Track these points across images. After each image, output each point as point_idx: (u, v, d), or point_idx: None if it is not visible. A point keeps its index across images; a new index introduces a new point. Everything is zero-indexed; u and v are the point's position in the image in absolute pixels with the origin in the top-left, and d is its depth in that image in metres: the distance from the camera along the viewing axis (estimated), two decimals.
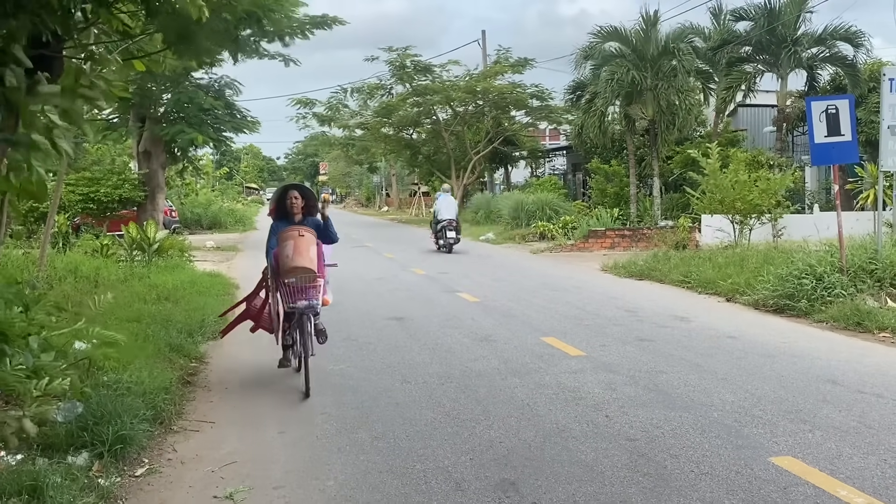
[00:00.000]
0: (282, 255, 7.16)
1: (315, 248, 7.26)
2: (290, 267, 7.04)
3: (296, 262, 7.02)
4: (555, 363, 8.29)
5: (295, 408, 6.94)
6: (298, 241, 7.11)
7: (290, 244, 7.10)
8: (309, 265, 7.07)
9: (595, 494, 4.77)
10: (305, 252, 7.07)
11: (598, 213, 25.44)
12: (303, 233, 7.19)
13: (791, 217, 19.99)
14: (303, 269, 7.06)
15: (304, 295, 7.19)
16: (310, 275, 7.12)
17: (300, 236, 7.14)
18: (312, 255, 7.15)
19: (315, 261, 7.18)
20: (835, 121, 11.50)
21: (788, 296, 11.28)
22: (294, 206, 7.63)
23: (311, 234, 7.28)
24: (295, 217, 7.63)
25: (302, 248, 7.08)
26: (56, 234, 17.14)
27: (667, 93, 25.10)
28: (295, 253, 7.04)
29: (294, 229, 7.25)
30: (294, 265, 7.03)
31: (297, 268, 7.03)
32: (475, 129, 42.88)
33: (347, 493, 4.94)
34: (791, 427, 5.94)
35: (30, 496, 4.52)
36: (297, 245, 7.08)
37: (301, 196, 7.71)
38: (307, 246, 7.13)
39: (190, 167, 25.45)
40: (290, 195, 7.67)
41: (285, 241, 7.17)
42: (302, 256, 7.03)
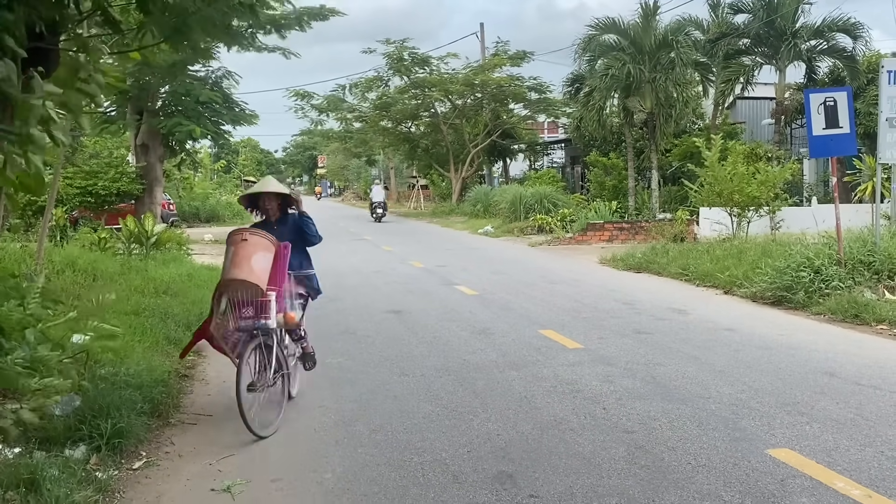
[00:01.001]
0: (223, 265, 6.15)
1: (264, 256, 6.05)
2: (225, 279, 5.98)
3: (231, 273, 5.93)
4: (553, 356, 8.30)
5: (293, 401, 6.93)
6: (239, 247, 6.02)
7: (230, 251, 6.06)
8: (247, 277, 5.89)
9: (593, 486, 4.78)
10: (245, 261, 5.94)
11: (596, 206, 25.41)
12: (246, 236, 6.07)
13: (789, 209, 19.98)
14: (239, 283, 5.91)
15: (251, 311, 6.02)
16: (250, 289, 5.93)
17: (242, 241, 6.04)
18: (257, 265, 5.96)
19: (260, 271, 5.97)
20: (833, 113, 11.49)
21: (786, 288, 11.28)
22: (269, 207, 6.79)
23: (262, 240, 6.09)
24: (270, 217, 6.82)
25: (241, 257, 5.97)
26: (54, 227, 17.12)
27: (665, 85, 25.05)
28: (231, 263, 5.97)
29: (238, 233, 6.17)
30: (229, 277, 5.94)
31: (232, 280, 5.93)
32: (473, 122, 42.85)
33: (345, 485, 4.95)
34: (788, 419, 5.95)
35: (27, 489, 4.52)
36: (236, 253, 6.00)
37: (276, 195, 6.82)
38: (249, 254, 5.99)
39: (188, 160, 25.35)
40: (263, 197, 6.82)
41: (227, 246, 6.15)
42: (239, 267, 5.92)
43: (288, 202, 6.85)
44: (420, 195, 50.64)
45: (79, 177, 21.81)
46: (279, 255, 6.17)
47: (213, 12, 5.31)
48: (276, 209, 6.79)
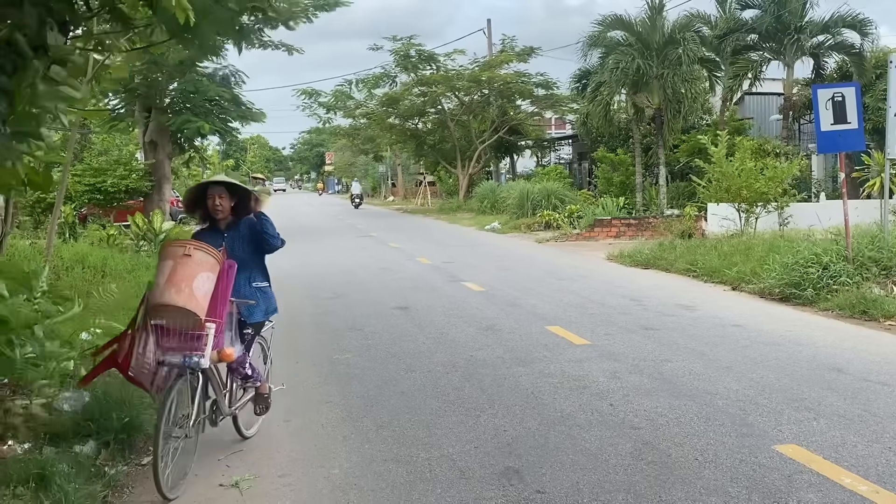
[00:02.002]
0: (155, 283, 4.82)
1: (208, 278, 4.83)
2: (157, 303, 4.73)
3: (166, 296, 4.70)
4: (559, 352, 8.30)
5: (300, 397, 6.96)
6: (179, 264, 4.78)
7: (167, 267, 4.81)
8: (185, 303, 4.68)
9: (599, 482, 4.79)
10: (185, 283, 4.71)
11: (603, 202, 25.38)
12: (190, 251, 4.84)
13: (797, 205, 19.92)
14: (173, 309, 4.69)
15: (179, 345, 4.81)
16: (186, 318, 4.73)
17: (184, 256, 4.81)
18: (199, 289, 4.75)
19: (202, 297, 4.76)
20: (841, 108, 11.44)
21: (794, 284, 11.25)
22: (219, 208, 5.44)
23: (208, 257, 4.88)
24: (220, 222, 5.50)
25: (181, 277, 4.72)
26: (63, 224, 17.20)
27: (673, 81, 24.97)
28: (168, 283, 4.71)
29: (179, 245, 4.95)
30: (164, 301, 4.70)
31: (166, 306, 4.70)
32: (480, 119, 42.82)
33: (352, 480, 4.97)
34: (796, 415, 5.94)
35: (37, 484, 4.56)
36: (174, 271, 4.75)
37: (229, 193, 5.48)
38: (191, 273, 4.75)
39: (196, 157, 25.45)
40: (212, 195, 5.44)
41: (161, 260, 4.91)
42: (177, 289, 4.68)
43: (244, 201, 5.50)
44: (427, 192, 50.65)
45: (88, 174, 21.92)
46: (222, 276, 4.96)
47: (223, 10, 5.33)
48: (227, 210, 5.44)
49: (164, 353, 4.80)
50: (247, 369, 5.50)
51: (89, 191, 22.03)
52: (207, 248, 4.92)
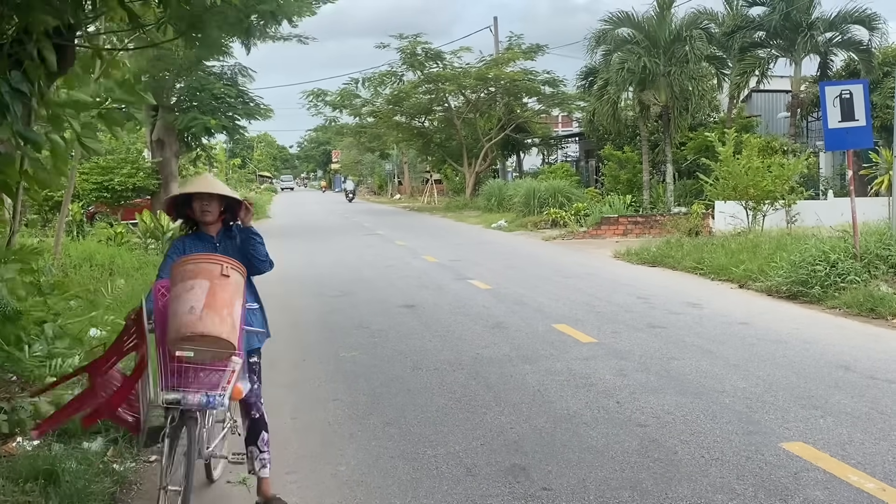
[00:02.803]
0: (178, 306, 3.91)
1: (240, 303, 4.09)
2: (195, 332, 3.84)
3: (206, 323, 3.84)
4: (566, 350, 8.30)
5: (307, 394, 6.99)
6: (218, 285, 3.95)
7: (200, 288, 3.91)
8: (227, 334, 3.90)
9: (605, 480, 4.79)
10: (225, 308, 3.93)
11: (610, 200, 25.36)
12: (228, 271, 4.01)
13: (805, 203, 19.85)
14: (213, 339, 3.87)
15: (199, 382, 4.03)
16: (223, 350, 3.95)
17: (222, 276, 3.98)
18: (236, 316, 4.00)
19: (237, 325, 4.01)
20: (849, 106, 11.42)
21: (801, 282, 11.23)
22: (208, 211, 4.49)
23: (241, 276, 4.14)
24: (208, 228, 4.55)
25: (221, 301, 3.92)
26: (70, 222, 17.27)
27: (680, 78, 24.94)
28: (207, 306, 3.87)
29: (212, 260, 4.06)
30: (201, 330, 3.83)
31: (204, 336, 3.85)
32: (487, 117, 42.79)
33: (359, 478, 4.99)
34: (802, 413, 5.94)
35: (46, 481, 4.58)
36: (214, 293, 3.92)
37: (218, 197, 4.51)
38: (230, 298, 3.98)
39: (203, 155, 25.51)
40: (198, 199, 4.49)
41: (189, 278, 3.95)
42: (219, 316, 3.89)
43: (233, 210, 4.55)
44: (433, 190, 50.67)
45: (95, 172, 22.00)
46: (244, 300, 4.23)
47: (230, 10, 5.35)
48: (216, 215, 4.52)
49: (178, 389, 3.97)
50: (254, 411, 4.56)
51: (97, 189, 22.11)
52: (239, 266, 4.14)
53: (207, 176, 4.88)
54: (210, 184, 4.56)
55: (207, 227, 4.54)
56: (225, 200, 4.51)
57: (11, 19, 5.24)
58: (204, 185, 4.55)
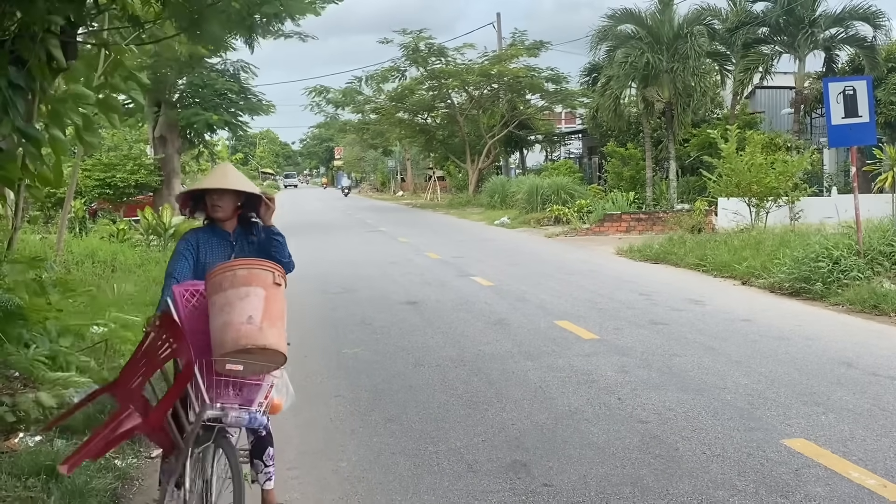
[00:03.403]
0: (232, 315, 3.58)
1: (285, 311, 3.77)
2: (256, 344, 3.54)
3: (267, 336, 3.56)
4: (568, 346, 8.30)
5: (309, 390, 6.99)
6: (272, 294, 3.68)
7: (256, 297, 3.62)
8: (284, 348, 3.65)
9: (606, 476, 4.79)
10: (280, 320, 3.69)
11: (613, 197, 25.32)
12: (279, 280, 3.75)
13: (808, 200, 19.81)
14: (272, 353, 3.60)
15: (240, 394, 3.76)
16: (271, 364, 3.69)
17: (275, 285, 3.71)
18: (284, 326, 3.72)
19: (285, 337, 3.72)
20: (852, 102, 11.39)
21: (804, 279, 11.21)
22: (219, 207, 4.18)
23: (285, 285, 3.83)
24: (224, 223, 4.24)
25: (276, 312, 3.66)
26: (73, 219, 17.30)
27: (683, 75, 24.89)
28: (266, 317, 3.60)
29: (265, 267, 3.77)
30: (263, 343, 3.55)
31: (264, 348, 3.56)
32: (490, 113, 42.77)
33: (360, 473, 5.00)
34: (804, 409, 5.93)
35: (48, 476, 4.60)
36: (270, 303, 3.64)
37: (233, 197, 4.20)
38: (282, 308, 3.72)
39: (205, 152, 25.54)
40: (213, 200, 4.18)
41: (242, 284, 3.64)
42: (277, 329, 3.63)
43: (252, 202, 4.25)
44: (437, 186, 50.65)
45: (97, 169, 22.02)
46: None
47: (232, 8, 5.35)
48: (231, 215, 4.23)
49: (217, 403, 3.65)
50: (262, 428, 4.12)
51: (99, 186, 22.14)
52: (283, 274, 3.82)
53: (225, 168, 4.41)
54: (224, 178, 4.18)
55: (222, 223, 4.24)
56: (242, 195, 4.19)
57: (13, 16, 5.25)
58: (216, 181, 4.18)
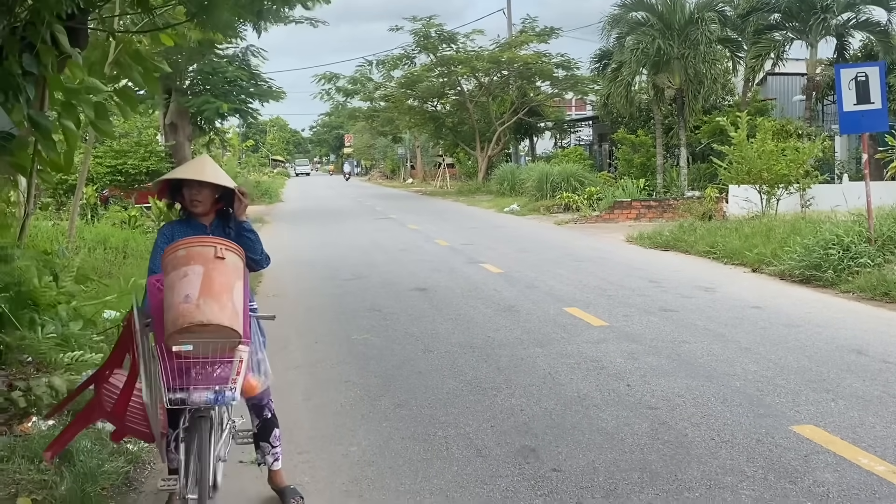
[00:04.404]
0: (172, 297, 3.58)
1: (240, 286, 3.74)
2: (193, 322, 3.50)
3: (205, 311, 3.51)
4: (577, 333, 8.31)
5: (319, 376, 7.03)
6: (214, 269, 3.63)
7: (194, 274, 3.59)
8: (230, 321, 3.56)
9: (615, 461, 4.81)
10: (225, 294, 3.60)
11: (623, 184, 25.22)
12: (222, 252, 3.69)
13: (820, 187, 19.70)
14: (214, 329, 3.53)
15: (205, 377, 3.70)
16: (227, 339, 3.61)
17: (217, 258, 3.66)
18: (237, 300, 3.66)
19: (240, 310, 3.66)
20: (864, 88, 11.31)
21: (815, 266, 11.17)
22: (198, 200, 4.12)
23: (239, 260, 3.80)
24: (202, 217, 4.18)
25: (219, 287, 3.60)
26: (84, 205, 17.37)
27: (694, 61, 24.75)
28: (203, 293, 3.54)
29: (205, 243, 3.72)
30: (199, 319, 3.50)
31: (205, 325, 3.51)
32: (500, 100, 42.64)
33: (370, 458, 5.03)
34: (814, 396, 5.93)
35: (61, 460, 4.63)
36: (210, 278, 3.59)
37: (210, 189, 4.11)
38: (228, 281, 3.66)
39: (216, 139, 25.57)
40: (191, 191, 4.11)
41: (181, 265, 3.63)
42: (219, 303, 3.56)
43: (229, 200, 4.16)
44: (446, 174, 50.59)
45: (109, 156, 22.07)
46: (247, 285, 3.92)
47: None
48: (208, 204, 4.14)
49: (184, 390, 3.65)
50: (266, 411, 4.36)
51: (110, 172, 22.19)
52: (235, 247, 3.80)
53: (203, 160, 4.28)
54: (201, 170, 4.07)
55: (200, 216, 4.16)
56: (220, 188, 4.10)
57: (24, 2, 5.26)
58: (194, 172, 4.08)
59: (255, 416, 4.40)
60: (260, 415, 4.39)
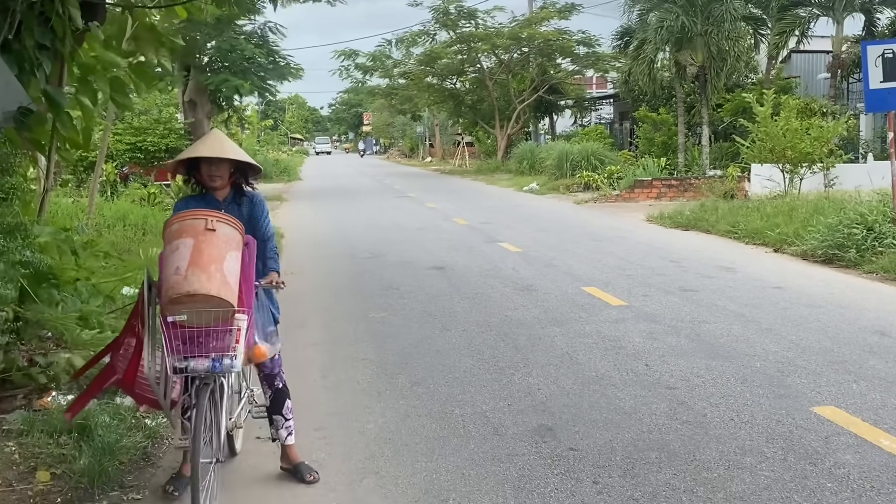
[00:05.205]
0: (166, 268, 3.76)
1: (235, 258, 3.83)
2: (181, 293, 3.64)
3: (191, 282, 3.64)
4: (596, 313, 8.25)
5: (336, 353, 7.03)
6: (203, 241, 3.74)
7: (185, 247, 3.73)
8: (219, 291, 3.67)
9: (633, 441, 4.77)
10: (215, 265, 3.71)
11: (644, 163, 25.00)
12: (213, 224, 3.78)
13: (844, 166, 19.42)
14: (203, 299, 3.65)
15: (205, 346, 3.77)
16: (218, 308, 3.70)
17: (207, 230, 3.76)
18: (230, 272, 3.77)
19: (232, 281, 3.76)
20: (892, 66, 11.09)
21: (838, 246, 11.03)
22: (217, 175, 4.22)
23: (233, 231, 3.86)
24: (217, 193, 4.29)
25: (208, 258, 3.71)
26: (104, 182, 17.46)
27: (717, 38, 24.42)
28: (192, 264, 3.68)
29: (196, 215, 3.84)
30: (186, 289, 3.63)
31: (192, 295, 3.63)
32: (520, 78, 42.33)
33: (387, 435, 5.02)
34: (835, 377, 5.85)
35: (80, 434, 4.68)
36: (199, 250, 3.71)
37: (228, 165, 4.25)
38: (220, 254, 3.76)
39: (235, 116, 25.57)
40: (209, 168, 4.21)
41: (174, 238, 3.79)
42: (206, 273, 3.67)
43: (245, 175, 4.36)
44: (465, 152, 50.41)
45: (128, 133, 22.15)
46: (244, 254, 3.95)
47: None
48: (226, 183, 4.29)
49: (185, 359, 3.74)
50: (277, 381, 4.47)
51: (130, 150, 22.28)
52: (229, 218, 3.89)
53: (219, 135, 4.36)
54: (221, 147, 4.18)
55: (215, 191, 4.26)
56: (235, 163, 4.23)
57: None
58: (213, 149, 4.16)
59: (266, 386, 4.48)
60: (272, 385, 4.46)
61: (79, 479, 4.30)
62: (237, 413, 4.34)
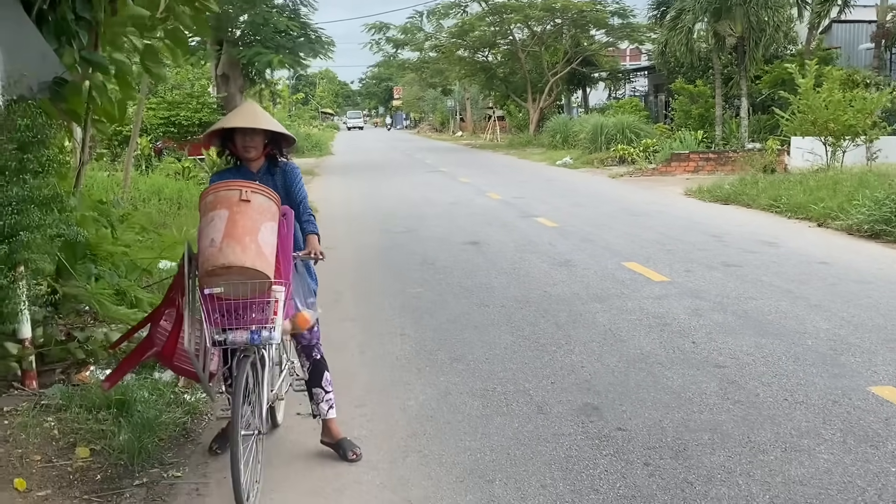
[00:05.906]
0: (202, 240, 3.73)
1: (271, 229, 3.78)
2: (216, 265, 3.62)
3: (226, 254, 3.60)
4: (637, 288, 8.07)
5: (374, 329, 6.93)
6: (237, 212, 3.69)
7: (219, 219, 3.68)
8: (254, 263, 3.63)
9: (683, 421, 4.62)
10: (250, 236, 3.66)
11: (681, 136, 24.56)
12: (248, 195, 3.73)
13: (888, 139, 18.92)
14: (238, 271, 3.62)
15: (244, 318, 3.75)
16: (254, 280, 3.66)
17: (242, 202, 3.71)
18: (266, 244, 3.72)
19: (267, 252, 3.72)
20: None
21: (885, 220, 10.70)
22: (250, 148, 4.18)
23: (269, 202, 3.81)
24: (251, 164, 4.24)
25: (243, 229, 3.66)
26: (139, 156, 17.49)
27: (757, 8, 23.82)
28: (228, 237, 3.63)
29: (232, 187, 3.78)
30: (221, 262, 3.60)
31: (228, 268, 3.61)
32: (553, 50, 41.75)
33: (429, 412, 4.92)
34: (891, 356, 5.64)
35: (119, 410, 4.63)
36: (233, 221, 3.66)
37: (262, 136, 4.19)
38: (255, 225, 3.70)
39: (267, 90, 25.50)
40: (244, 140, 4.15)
41: (209, 210, 3.75)
42: (241, 245, 3.63)
43: (280, 146, 4.32)
44: (496, 126, 49.97)
45: (162, 107, 22.17)
46: (281, 225, 3.89)
47: None
48: (260, 154, 4.24)
49: (224, 331, 3.71)
50: (315, 352, 4.39)
51: (164, 124, 22.31)
52: (265, 189, 3.83)
53: (253, 106, 4.33)
54: (255, 118, 4.14)
55: (250, 163, 4.22)
56: (268, 133, 4.19)
57: None
58: (247, 119, 4.13)
59: (305, 358, 4.41)
60: (310, 356, 4.39)
61: (118, 455, 4.24)
62: (278, 385, 4.31)
